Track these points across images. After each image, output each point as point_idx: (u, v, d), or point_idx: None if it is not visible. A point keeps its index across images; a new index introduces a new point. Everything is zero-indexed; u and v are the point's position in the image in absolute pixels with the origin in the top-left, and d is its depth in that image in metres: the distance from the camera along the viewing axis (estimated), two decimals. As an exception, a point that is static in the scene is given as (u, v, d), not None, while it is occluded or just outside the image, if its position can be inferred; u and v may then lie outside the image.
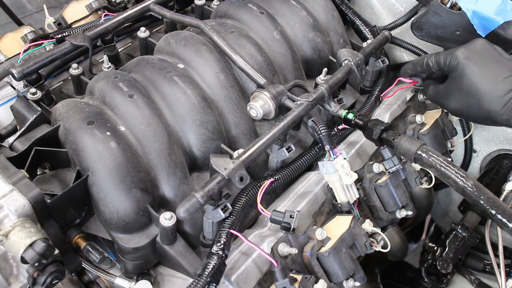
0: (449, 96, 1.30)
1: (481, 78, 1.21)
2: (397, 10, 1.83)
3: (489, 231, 1.59)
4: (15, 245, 0.90)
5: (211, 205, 1.03)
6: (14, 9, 2.45)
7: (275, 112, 1.25)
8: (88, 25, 1.49)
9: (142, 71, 1.28)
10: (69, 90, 1.42)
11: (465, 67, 1.24)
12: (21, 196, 0.96)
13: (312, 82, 1.50)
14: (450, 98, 1.30)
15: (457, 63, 1.26)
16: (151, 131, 1.14)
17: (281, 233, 1.15)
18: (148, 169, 1.12)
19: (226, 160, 1.04)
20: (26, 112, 1.22)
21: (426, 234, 2.31)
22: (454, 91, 1.28)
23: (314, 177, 1.33)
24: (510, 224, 1.00)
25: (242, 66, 1.29)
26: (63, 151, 1.11)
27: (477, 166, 1.91)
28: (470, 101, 1.24)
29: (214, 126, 1.23)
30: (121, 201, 1.06)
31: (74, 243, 1.11)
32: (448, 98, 1.30)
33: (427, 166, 1.12)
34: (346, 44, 1.61)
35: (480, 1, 1.29)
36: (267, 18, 1.44)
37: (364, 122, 1.25)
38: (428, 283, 1.73)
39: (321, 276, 1.12)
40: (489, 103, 1.20)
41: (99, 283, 1.22)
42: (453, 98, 1.29)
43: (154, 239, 1.10)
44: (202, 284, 0.95)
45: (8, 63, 1.36)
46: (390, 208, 1.30)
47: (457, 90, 1.27)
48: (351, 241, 1.16)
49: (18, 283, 1.00)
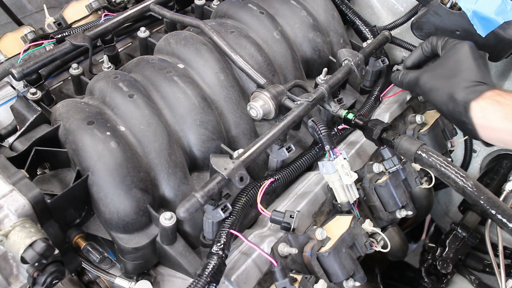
0: (425, 73, 1.31)
1: (468, 61, 1.24)
2: (397, 10, 1.83)
3: (489, 231, 1.59)
4: (15, 245, 0.90)
5: (211, 205, 1.03)
6: (14, 9, 2.45)
7: (275, 112, 1.25)
8: (88, 25, 1.49)
9: (142, 71, 1.28)
10: (69, 90, 1.42)
11: (463, 45, 1.28)
12: (21, 196, 0.96)
13: (312, 82, 1.50)
14: (427, 75, 1.30)
15: (455, 43, 1.30)
16: (151, 131, 1.14)
17: (281, 233, 1.15)
18: (148, 169, 1.12)
19: (226, 160, 1.04)
20: (26, 112, 1.22)
21: (426, 234, 2.31)
22: (435, 68, 1.30)
23: (314, 177, 1.33)
24: (510, 224, 1.00)
25: (242, 66, 1.29)
26: (63, 151, 1.11)
27: (477, 166, 1.91)
28: (445, 75, 1.25)
29: (214, 126, 1.23)
30: (121, 201, 1.06)
31: (74, 243, 1.11)
32: (424, 75, 1.31)
33: (427, 166, 1.12)
34: (346, 44, 1.61)
35: (480, 1, 1.29)
36: (267, 18, 1.44)
37: (364, 122, 1.25)
38: (428, 283, 1.73)
39: (321, 276, 1.11)
40: (458, 83, 1.21)
41: (99, 283, 1.22)
42: (429, 75, 1.29)
43: (154, 239, 1.10)
44: (202, 284, 0.95)
45: (8, 63, 1.36)
46: (390, 208, 1.30)
47: (439, 66, 1.30)
48: (351, 241, 1.16)
49: (18, 283, 1.00)
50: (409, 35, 1.62)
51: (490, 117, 1.15)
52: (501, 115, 1.13)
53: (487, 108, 1.15)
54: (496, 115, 1.14)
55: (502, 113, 1.13)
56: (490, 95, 1.16)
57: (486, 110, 1.15)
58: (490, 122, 1.15)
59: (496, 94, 1.15)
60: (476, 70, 1.22)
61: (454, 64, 1.26)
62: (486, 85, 1.19)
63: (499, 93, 1.16)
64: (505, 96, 1.14)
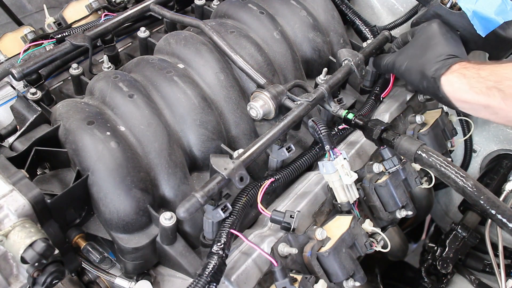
0: (399, 56, 1.34)
1: (436, 37, 1.28)
2: (397, 10, 1.83)
3: (489, 231, 1.59)
4: (15, 245, 0.90)
5: (211, 205, 1.03)
6: (14, 9, 2.45)
7: (275, 112, 1.25)
8: (88, 25, 1.49)
9: (142, 71, 1.28)
10: (69, 90, 1.42)
11: (431, 24, 1.33)
12: (21, 196, 0.96)
13: (312, 82, 1.50)
14: (400, 57, 1.33)
15: (423, 24, 1.35)
16: (151, 131, 1.14)
17: (281, 233, 1.15)
18: (148, 169, 1.12)
19: (226, 160, 1.04)
20: (26, 112, 1.22)
21: (426, 234, 2.31)
22: (407, 49, 1.34)
23: (314, 177, 1.33)
24: (510, 224, 1.00)
25: (242, 66, 1.29)
26: (63, 151, 1.11)
27: (477, 166, 1.91)
28: (416, 55, 1.28)
29: (214, 126, 1.23)
30: (121, 201, 1.06)
31: (74, 243, 1.11)
32: (398, 57, 1.34)
33: (427, 166, 1.12)
34: (346, 44, 1.61)
35: (480, 1, 1.29)
36: (267, 18, 1.44)
37: (364, 122, 1.25)
38: (428, 283, 1.73)
39: (321, 276, 1.12)
40: (428, 59, 1.23)
41: (99, 283, 1.22)
42: (402, 57, 1.32)
43: (154, 239, 1.10)
44: (202, 283, 0.95)
45: (8, 63, 1.36)
46: (390, 208, 1.30)
47: (411, 47, 1.33)
48: (351, 241, 1.16)
49: (18, 283, 1.00)
50: (409, 35, 1.62)
51: (458, 91, 1.16)
52: (466, 88, 1.14)
53: (455, 82, 1.16)
54: (462, 88, 1.15)
55: (467, 86, 1.14)
56: (457, 68, 1.17)
57: (455, 84, 1.16)
58: (459, 95, 1.16)
59: (462, 67, 1.17)
60: (444, 44, 1.24)
61: (424, 42, 1.29)
62: (455, 57, 1.20)
63: (464, 65, 1.17)
64: (469, 69, 1.15)
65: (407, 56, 1.31)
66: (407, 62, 1.29)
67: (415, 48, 1.30)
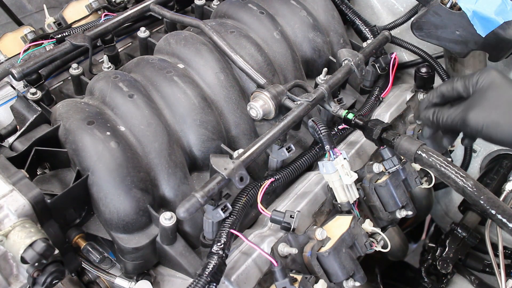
0: (471, 111, 1.14)
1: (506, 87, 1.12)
2: (397, 10, 1.83)
3: (489, 231, 1.59)
4: (15, 245, 0.90)
5: (211, 205, 1.03)
6: (14, 9, 2.45)
7: (275, 112, 1.24)
8: (88, 25, 1.49)
9: (142, 71, 1.28)
10: (69, 90, 1.42)
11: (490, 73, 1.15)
12: (21, 196, 0.96)
13: (312, 82, 1.50)
14: (475, 112, 1.13)
15: (485, 77, 1.16)
16: (151, 131, 1.14)
17: (281, 233, 1.15)
18: (148, 169, 1.13)
19: (226, 160, 1.04)
20: (26, 112, 1.22)
21: (426, 234, 2.31)
22: (478, 103, 1.15)
23: (314, 177, 1.33)
24: (510, 224, 1.00)
25: (242, 66, 1.29)
26: (63, 151, 1.11)
27: (477, 166, 1.91)
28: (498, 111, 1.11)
29: (214, 126, 1.23)
30: (121, 201, 1.06)
31: (74, 243, 1.11)
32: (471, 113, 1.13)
33: (427, 166, 1.12)
34: (346, 44, 1.61)
35: (480, 1, 1.29)
36: (267, 18, 1.44)
37: (364, 122, 1.25)
38: (428, 283, 1.73)
39: (321, 276, 1.12)
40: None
41: (99, 283, 1.22)
42: (477, 111, 1.13)
43: (154, 239, 1.10)
44: (202, 283, 0.95)
45: (8, 63, 1.36)
46: (390, 208, 1.30)
47: (481, 99, 1.14)
48: (351, 241, 1.16)
49: (18, 283, 1.00)
50: (409, 35, 1.62)
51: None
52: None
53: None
54: None
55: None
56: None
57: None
58: None
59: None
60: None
61: (497, 94, 1.13)
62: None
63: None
64: None
65: (483, 109, 1.12)
66: (489, 117, 1.11)
67: (490, 101, 1.13)
